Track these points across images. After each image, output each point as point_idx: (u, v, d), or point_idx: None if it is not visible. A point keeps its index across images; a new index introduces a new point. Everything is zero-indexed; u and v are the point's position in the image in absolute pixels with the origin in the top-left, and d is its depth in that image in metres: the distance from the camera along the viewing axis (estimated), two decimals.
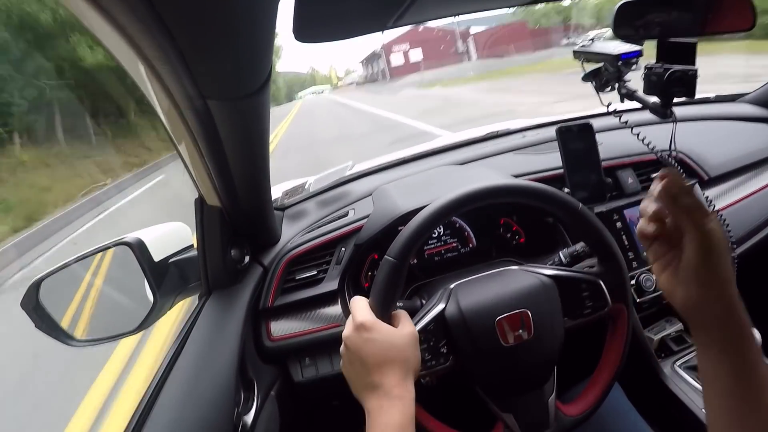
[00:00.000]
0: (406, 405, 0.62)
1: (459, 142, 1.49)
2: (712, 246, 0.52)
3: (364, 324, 0.67)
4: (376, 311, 0.71)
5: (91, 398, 2.62)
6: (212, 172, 0.75)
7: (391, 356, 0.65)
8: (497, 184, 0.77)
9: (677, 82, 1.02)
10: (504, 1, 0.73)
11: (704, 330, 0.54)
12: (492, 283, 0.82)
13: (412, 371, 0.67)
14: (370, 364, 0.65)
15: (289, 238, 1.09)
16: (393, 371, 0.64)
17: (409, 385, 0.65)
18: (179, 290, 0.94)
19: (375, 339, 0.66)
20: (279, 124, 21.67)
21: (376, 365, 0.65)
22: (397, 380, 0.64)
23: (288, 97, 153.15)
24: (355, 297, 0.74)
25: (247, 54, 0.51)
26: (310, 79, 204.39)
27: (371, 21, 0.65)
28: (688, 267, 0.54)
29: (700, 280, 0.53)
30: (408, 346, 0.68)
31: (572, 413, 0.81)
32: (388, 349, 0.66)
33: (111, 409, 2.49)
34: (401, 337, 0.68)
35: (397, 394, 0.63)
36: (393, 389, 0.63)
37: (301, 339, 0.97)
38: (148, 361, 2.87)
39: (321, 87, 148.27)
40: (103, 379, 2.77)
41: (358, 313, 0.69)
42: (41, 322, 0.84)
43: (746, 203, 1.25)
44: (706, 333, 0.54)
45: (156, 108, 0.64)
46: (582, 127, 1.07)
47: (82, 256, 0.89)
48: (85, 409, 2.54)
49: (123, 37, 0.43)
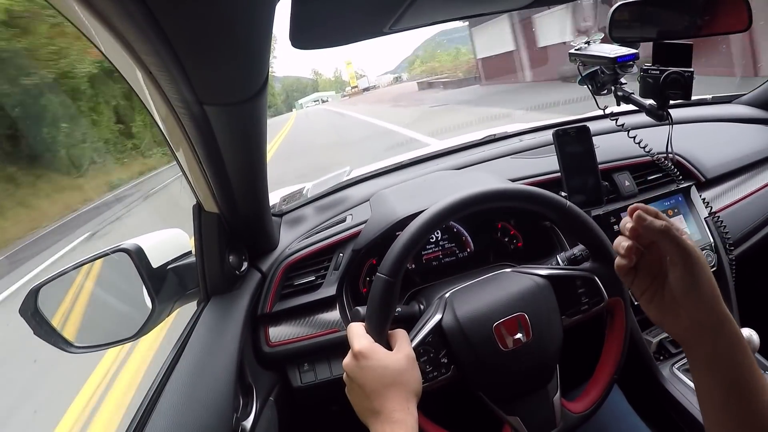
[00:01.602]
0: (408, 428, 0.63)
1: (456, 147, 1.50)
2: (694, 261, 0.54)
3: (361, 352, 0.69)
4: (373, 333, 0.72)
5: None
6: (210, 178, 0.75)
7: (389, 381, 0.67)
8: (483, 191, 0.78)
9: (673, 84, 1.03)
10: (500, 6, 0.73)
11: (696, 348, 0.56)
12: (487, 288, 0.82)
13: (413, 392, 0.68)
14: (369, 390, 0.67)
15: (287, 243, 1.09)
16: (392, 396, 0.66)
17: (411, 407, 0.66)
18: (178, 296, 0.94)
19: (372, 366, 0.68)
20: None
21: (375, 392, 0.66)
22: (397, 404, 0.65)
23: (288, 105, 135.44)
24: (351, 324, 0.75)
25: (243, 59, 0.51)
26: (313, 85, 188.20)
27: (368, 27, 0.66)
28: (676, 291, 0.55)
29: (688, 302, 0.54)
30: (405, 369, 0.69)
31: (578, 410, 0.81)
32: (385, 375, 0.67)
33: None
34: (397, 361, 0.69)
35: (398, 419, 0.64)
36: (393, 414, 0.64)
37: (299, 344, 0.97)
38: (133, 366, 2.88)
39: (326, 94, 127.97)
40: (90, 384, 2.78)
41: (355, 341, 0.71)
42: (40, 329, 0.84)
43: (743, 204, 1.25)
44: (698, 350, 0.56)
45: (153, 114, 0.64)
46: (579, 131, 1.07)
47: (81, 263, 0.89)
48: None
49: (121, 44, 0.44)
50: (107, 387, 2.75)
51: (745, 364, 0.53)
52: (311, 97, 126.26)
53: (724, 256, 1.18)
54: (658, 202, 1.20)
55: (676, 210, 1.21)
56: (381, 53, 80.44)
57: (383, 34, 0.68)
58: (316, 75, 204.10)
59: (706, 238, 1.19)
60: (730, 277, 1.18)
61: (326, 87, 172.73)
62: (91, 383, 2.81)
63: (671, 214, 1.20)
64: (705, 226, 1.20)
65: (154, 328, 0.90)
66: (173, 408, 0.75)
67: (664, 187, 1.21)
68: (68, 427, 2.51)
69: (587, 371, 0.87)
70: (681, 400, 1.02)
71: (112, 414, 2.50)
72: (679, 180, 1.20)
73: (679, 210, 1.21)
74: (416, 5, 0.58)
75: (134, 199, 11.91)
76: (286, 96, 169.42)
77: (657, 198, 1.19)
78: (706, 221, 1.20)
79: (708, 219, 1.20)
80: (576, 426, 0.80)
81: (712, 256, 1.16)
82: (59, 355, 0.88)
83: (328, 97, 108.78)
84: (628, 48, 1.06)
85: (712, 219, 1.19)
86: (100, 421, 2.48)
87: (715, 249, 1.18)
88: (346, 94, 79.20)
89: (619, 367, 0.83)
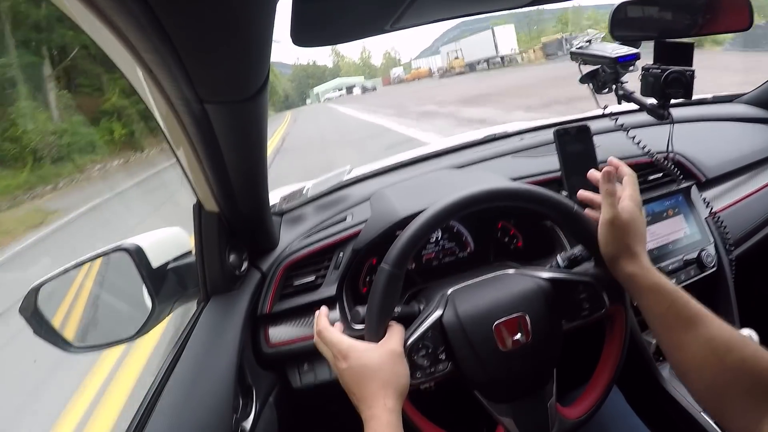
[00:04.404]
0: (382, 423, 0.64)
1: (456, 146, 1.49)
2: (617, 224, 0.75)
3: (340, 352, 0.72)
4: (373, 325, 0.73)
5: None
6: (210, 177, 0.75)
7: (365, 379, 0.68)
8: (492, 188, 0.78)
9: (674, 83, 1.03)
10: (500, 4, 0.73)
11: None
12: (489, 288, 0.82)
13: (392, 387, 0.68)
14: (348, 388, 0.70)
15: (287, 243, 1.09)
16: (368, 392, 0.67)
17: (388, 401, 0.66)
18: (177, 296, 0.94)
19: (350, 366, 0.70)
20: None
21: (352, 389, 0.69)
22: (373, 400, 0.66)
23: (301, 98, 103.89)
24: (327, 331, 0.76)
25: (244, 58, 0.51)
26: (334, 70, 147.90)
27: (369, 24, 0.66)
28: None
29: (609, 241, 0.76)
30: (385, 364, 0.69)
31: (572, 416, 0.80)
32: (363, 373, 0.69)
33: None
34: (378, 357, 0.70)
35: (372, 415, 0.65)
36: (369, 409, 0.66)
37: (299, 345, 0.97)
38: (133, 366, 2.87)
39: (353, 80, 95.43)
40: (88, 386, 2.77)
41: (332, 346, 0.73)
42: (40, 328, 0.84)
43: (744, 204, 1.26)
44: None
45: (154, 113, 0.63)
46: (579, 130, 1.07)
47: (81, 262, 0.89)
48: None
49: (121, 42, 0.43)
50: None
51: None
52: (332, 84, 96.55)
53: (724, 256, 1.18)
54: (658, 202, 1.19)
55: (676, 210, 1.21)
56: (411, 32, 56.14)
57: (384, 32, 0.68)
58: (337, 57, 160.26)
59: (707, 238, 1.19)
60: (730, 277, 1.18)
61: (350, 72, 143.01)
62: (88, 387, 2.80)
63: (671, 213, 1.20)
64: (705, 226, 1.20)
65: (153, 328, 0.90)
66: (173, 408, 0.75)
67: (665, 187, 1.21)
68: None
69: (584, 375, 0.87)
70: (681, 400, 1.02)
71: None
72: (680, 180, 1.20)
73: (680, 210, 1.21)
74: (417, 3, 0.58)
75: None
76: (298, 87, 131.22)
77: (657, 198, 1.19)
78: (707, 221, 1.20)
79: (708, 219, 1.20)
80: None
81: (712, 256, 1.16)
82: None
83: (357, 84, 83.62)
84: (630, 47, 1.06)
85: (713, 219, 1.19)
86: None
87: (716, 249, 1.18)
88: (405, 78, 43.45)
89: (617, 374, 0.83)
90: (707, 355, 0.62)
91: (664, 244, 1.17)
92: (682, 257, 1.15)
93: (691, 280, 1.14)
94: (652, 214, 1.18)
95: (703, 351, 0.63)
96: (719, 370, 0.61)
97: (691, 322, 0.65)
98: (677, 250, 1.16)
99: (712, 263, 1.16)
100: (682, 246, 1.17)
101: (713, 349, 0.62)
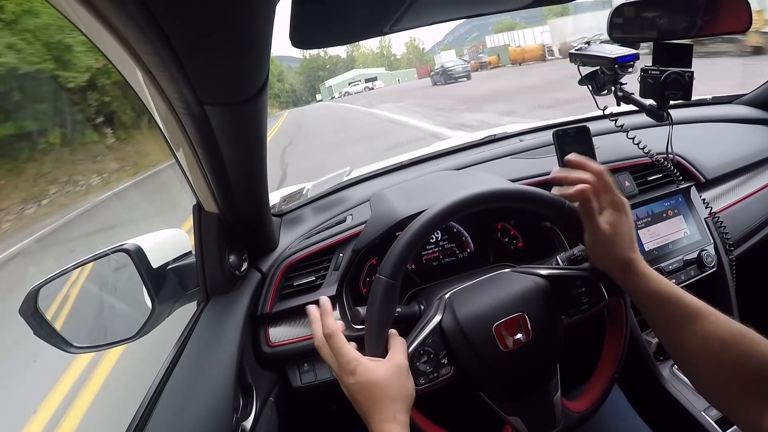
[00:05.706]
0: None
1: (456, 147, 1.49)
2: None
3: (347, 369, 0.70)
4: (373, 336, 0.73)
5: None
6: (210, 178, 0.75)
7: (374, 396, 0.68)
8: (476, 193, 0.77)
9: (673, 84, 1.03)
10: (500, 5, 0.73)
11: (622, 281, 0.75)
12: (487, 289, 0.82)
13: (400, 401, 0.68)
14: (357, 403, 0.70)
15: (287, 244, 1.09)
16: (378, 408, 0.67)
17: (398, 414, 0.67)
18: (178, 296, 0.94)
19: (358, 382, 0.69)
20: None
21: (361, 405, 0.69)
22: (383, 415, 0.66)
23: (312, 93, 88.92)
24: (335, 339, 0.73)
25: (243, 59, 0.51)
26: (348, 61, 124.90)
27: (368, 26, 0.66)
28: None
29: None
30: (392, 380, 0.69)
31: (578, 409, 0.81)
32: (371, 390, 0.68)
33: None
34: (385, 373, 0.69)
35: (382, 429, 0.65)
36: (380, 424, 0.66)
37: (299, 345, 0.97)
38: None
39: (373, 71, 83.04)
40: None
41: (340, 357, 0.72)
42: (39, 329, 0.84)
43: (743, 205, 1.26)
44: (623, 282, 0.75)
45: (154, 114, 0.64)
46: (579, 131, 1.07)
47: (81, 263, 0.89)
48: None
49: (120, 44, 0.44)
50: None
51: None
52: (348, 76, 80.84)
53: (724, 256, 1.18)
54: (658, 203, 1.20)
55: (676, 210, 1.21)
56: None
57: (383, 34, 0.68)
58: (351, 47, 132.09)
59: (706, 238, 1.19)
60: (730, 277, 1.18)
61: (367, 64, 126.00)
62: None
63: (671, 214, 1.20)
64: (705, 227, 1.20)
65: (154, 329, 0.90)
66: (173, 408, 0.75)
67: (665, 188, 1.21)
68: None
69: (587, 370, 0.87)
70: (681, 400, 1.02)
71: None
72: (679, 180, 1.20)
73: (679, 210, 1.21)
74: (416, 5, 0.58)
75: None
76: (307, 81, 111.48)
77: (657, 198, 1.19)
78: (706, 222, 1.20)
79: (708, 219, 1.20)
80: (577, 425, 0.80)
81: (712, 256, 1.16)
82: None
83: (378, 77, 68.09)
84: (629, 48, 1.06)
85: (712, 219, 1.20)
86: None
87: (715, 249, 1.18)
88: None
89: (620, 366, 0.84)
90: (704, 352, 0.63)
91: (664, 244, 1.17)
92: (682, 257, 1.15)
93: (691, 280, 1.14)
94: (652, 215, 1.18)
95: (700, 348, 0.64)
96: (717, 367, 0.62)
97: (688, 320, 0.66)
98: (677, 251, 1.17)
99: (711, 263, 1.16)
100: (682, 246, 1.18)
101: (709, 345, 0.63)
